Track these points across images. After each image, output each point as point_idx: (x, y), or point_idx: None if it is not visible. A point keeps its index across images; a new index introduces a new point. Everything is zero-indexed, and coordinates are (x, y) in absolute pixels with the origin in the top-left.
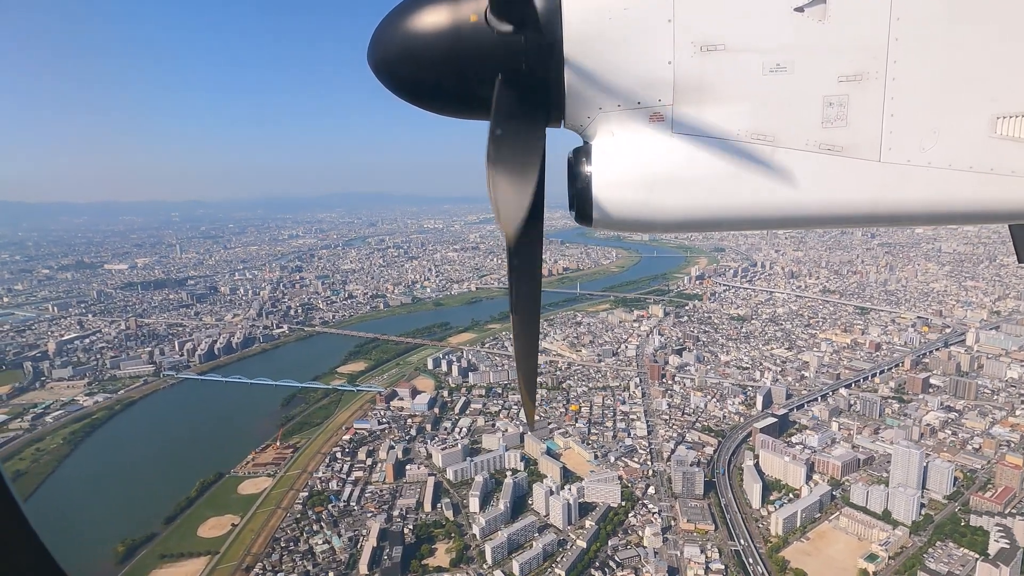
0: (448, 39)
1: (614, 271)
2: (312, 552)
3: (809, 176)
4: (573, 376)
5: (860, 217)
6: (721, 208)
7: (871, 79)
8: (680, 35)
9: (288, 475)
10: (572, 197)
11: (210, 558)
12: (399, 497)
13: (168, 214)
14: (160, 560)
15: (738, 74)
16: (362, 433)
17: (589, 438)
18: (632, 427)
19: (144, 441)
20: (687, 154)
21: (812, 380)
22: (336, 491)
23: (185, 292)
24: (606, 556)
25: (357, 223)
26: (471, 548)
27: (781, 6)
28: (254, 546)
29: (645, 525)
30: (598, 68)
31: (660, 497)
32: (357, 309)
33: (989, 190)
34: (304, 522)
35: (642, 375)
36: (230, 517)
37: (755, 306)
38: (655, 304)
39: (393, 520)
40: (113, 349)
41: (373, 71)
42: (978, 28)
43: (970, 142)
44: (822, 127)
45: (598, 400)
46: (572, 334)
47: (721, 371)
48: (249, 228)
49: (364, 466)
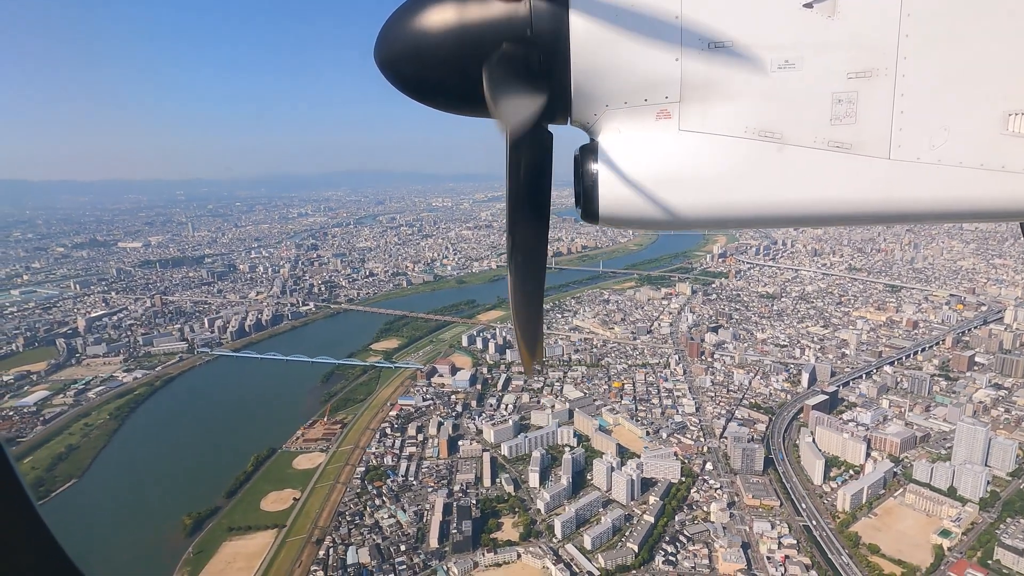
0: (455, 36)
1: (633, 249)
2: (379, 526)
3: (818, 174)
4: (610, 353)
5: (869, 215)
6: (729, 206)
7: (881, 76)
8: (688, 32)
9: (341, 450)
10: (578, 194)
11: (277, 531)
12: (457, 472)
13: (172, 193)
14: (228, 533)
15: (746, 71)
16: (408, 409)
17: (637, 414)
18: (679, 404)
19: (189, 416)
20: (694, 151)
21: (853, 358)
22: (392, 466)
23: (204, 270)
24: (675, 531)
25: (364, 201)
26: (538, 522)
27: (790, 2)
28: (320, 519)
29: (710, 501)
30: (605, 65)
31: (719, 473)
32: (380, 287)
33: (1000, 187)
34: (365, 496)
35: (680, 352)
36: (290, 491)
37: (782, 284)
38: (682, 282)
39: (454, 495)
40: (143, 326)
41: (380, 68)
42: (989, 24)
43: (981, 139)
44: (831, 124)
45: (640, 377)
46: (602, 312)
47: (760, 348)
48: (257, 207)
49: (416, 442)
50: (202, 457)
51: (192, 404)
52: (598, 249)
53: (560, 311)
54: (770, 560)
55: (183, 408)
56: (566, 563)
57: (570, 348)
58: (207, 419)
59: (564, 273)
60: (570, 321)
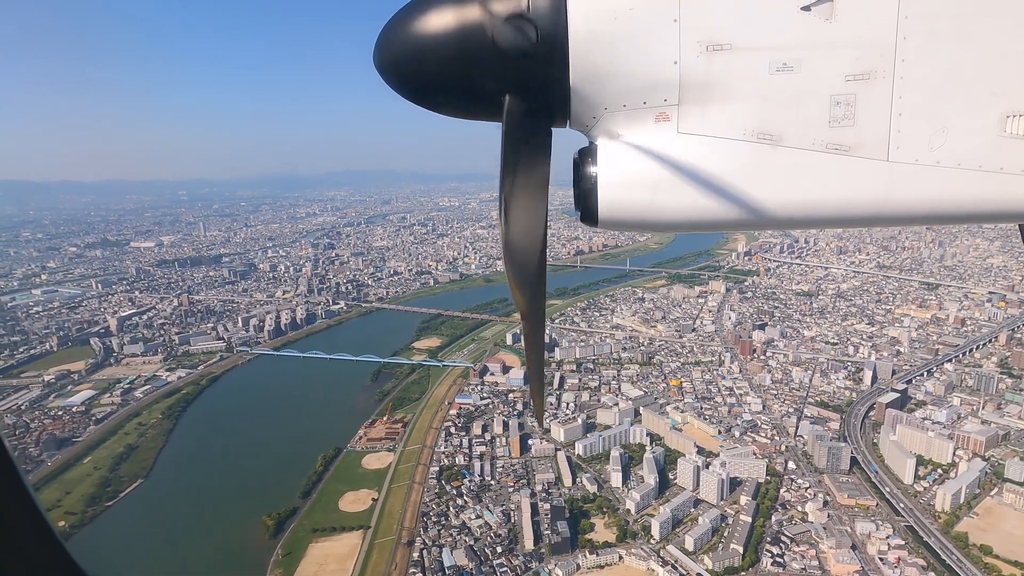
0: (454, 40)
1: (654, 247)
2: (467, 527)
3: (816, 176)
4: (659, 352)
5: (868, 217)
6: (728, 208)
7: (879, 78)
8: (686, 35)
9: (409, 450)
10: (577, 197)
11: (363, 532)
12: (535, 472)
13: (174, 193)
14: (312, 534)
15: (744, 74)
16: (467, 408)
17: (704, 413)
18: (743, 402)
19: (243, 415)
20: (693, 154)
21: (908, 355)
22: (465, 466)
23: (224, 269)
24: (775, 531)
25: (370, 201)
26: (630, 523)
27: (788, 5)
28: (405, 520)
29: (803, 500)
30: (603, 68)
31: (803, 472)
32: (407, 286)
33: (999, 189)
34: (446, 497)
35: (731, 350)
36: (366, 492)
37: (815, 281)
38: (715, 280)
39: (537, 495)
40: (175, 325)
41: (379, 72)
42: (987, 26)
43: (979, 141)
44: (829, 126)
45: (696, 375)
46: (640, 310)
47: (811, 346)
48: (263, 206)
49: (483, 441)
50: (265, 456)
51: (243, 403)
52: (619, 248)
53: (597, 309)
54: (883, 561)
55: (234, 407)
56: (672, 565)
57: (617, 346)
58: (261, 418)
59: (591, 271)
60: (610, 319)
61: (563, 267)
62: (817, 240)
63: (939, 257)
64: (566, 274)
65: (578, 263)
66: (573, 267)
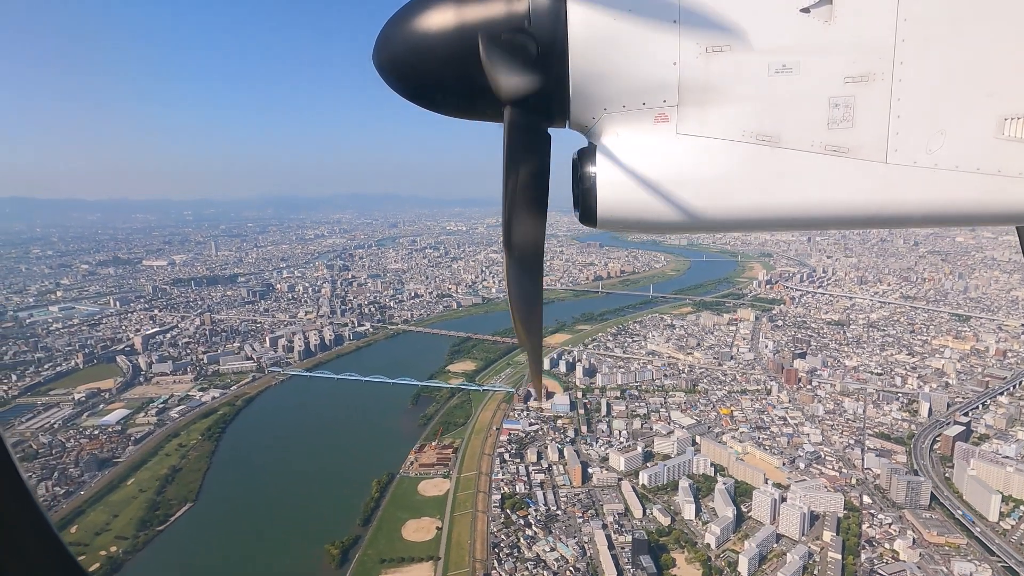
0: (453, 39)
1: (671, 274)
2: (542, 560)
3: (815, 177)
4: (702, 379)
5: (866, 218)
6: (726, 209)
7: (877, 80)
8: (685, 36)
9: (464, 477)
10: (577, 197)
11: (433, 564)
12: (602, 502)
13: (179, 212)
14: (381, 564)
15: (743, 75)
16: (517, 434)
17: (763, 443)
18: (800, 432)
19: (284, 438)
20: (692, 155)
21: (958, 387)
22: (526, 494)
23: (243, 289)
24: (868, 570)
25: (376, 224)
26: (713, 558)
27: (787, 7)
28: (475, 551)
29: (889, 537)
30: (603, 69)
31: (880, 507)
32: (429, 308)
33: (996, 192)
34: (513, 527)
35: (774, 379)
36: (429, 520)
37: (843, 311)
38: (743, 308)
39: (608, 527)
40: (200, 344)
41: (379, 71)
42: (985, 29)
43: (977, 143)
44: (828, 128)
45: (745, 404)
46: (672, 336)
47: (855, 376)
48: (270, 227)
49: (541, 468)
50: (315, 480)
51: (282, 425)
52: (636, 274)
53: (628, 335)
54: None
55: (274, 429)
56: None
57: (658, 373)
58: (304, 441)
59: (613, 298)
60: (644, 346)
61: (584, 292)
62: (836, 270)
63: (963, 289)
64: (588, 299)
65: (599, 288)
66: (594, 292)
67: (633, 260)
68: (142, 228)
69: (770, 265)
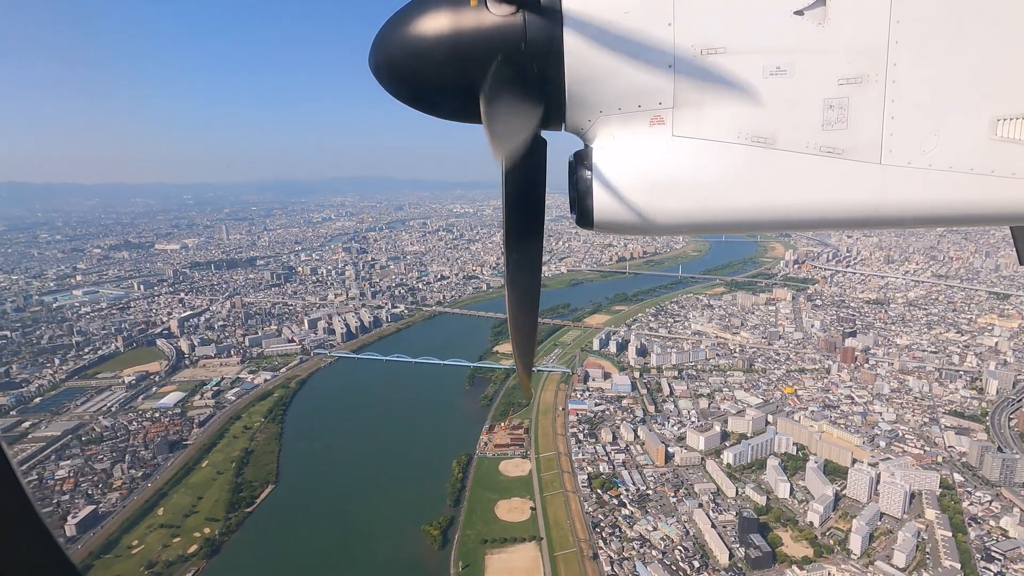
0: (450, 43)
1: (693, 255)
2: (646, 539)
3: (810, 178)
4: (755, 359)
5: (861, 219)
6: (722, 211)
7: (871, 81)
8: (680, 39)
9: (544, 457)
10: (573, 200)
11: (537, 544)
12: (691, 482)
13: (179, 196)
14: (483, 545)
15: (738, 77)
16: (584, 414)
17: (837, 421)
18: (870, 410)
19: (347, 419)
20: (688, 157)
21: (1016, 364)
22: (613, 474)
23: (265, 272)
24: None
25: (381, 207)
26: (820, 536)
27: (781, 9)
28: (576, 531)
29: (994, 515)
30: (599, 72)
31: (973, 484)
32: (459, 290)
33: (990, 192)
34: (608, 507)
35: (830, 357)
36: (519, 500)
37: (878, 290)
38: (777, 288)
39: (704, 506)
40: (239, 327)
41: (374, 74)
42: (978, 30)
43: (971, 144)
44: (823, 129)
45: (808, 383)
46: (713, 316)
47: (911, 355)
48: (274, 211)
49: (619, 448)
50: (391, 462)
51: (342, 406)
52: (658, 254)
53: (668, 315)
54: None
55: (335, 410)
56: None
57: (710, 353)
58: (368, 422)
59: (641, 278)
60: (688, 326)
61: (611, 273)
62: (860, 250)
63: (994, 267)
64: (616, 280)
65: (626, 269)
66: (622, 273)
67: (650, 241)
68: (144, 212)
69: (790, 245)
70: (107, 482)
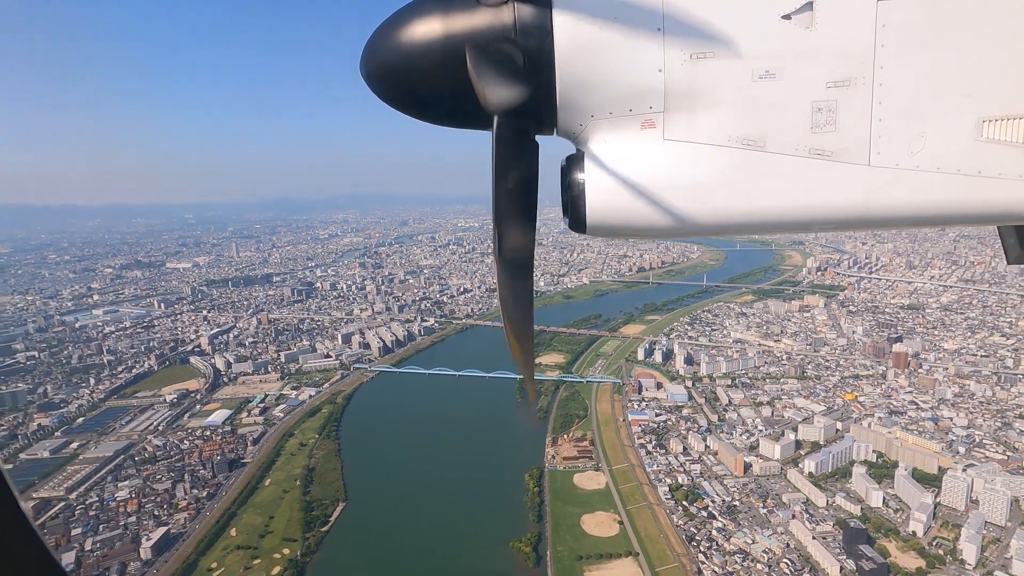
0: (440, 48)
1: (712, 264)
2: (747, 553)
3: (799, 181)
4: (807, 366)
5: (850, 220)
6: (713, 214)
7: (859, 85)
8: (670, 43)
9: (617, 469)
10: (566, 204)
11: (635, 559)
12: (776, 492)
13: (181, 216)
14: (578, 561)
15: (728, 81)
16: (647, 425)
17: (908, 428)
18: (940, 416)
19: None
20: (679, 160)
21: None
22: (693, 486)
23: (285, 289)
24: None
25: (385, 222)
26: (927, 547)
27: (769, 14)
28: (672, 546)
29: None
30: (589, 77)
31: None
32: (484, 303)
33: (977, 192)
34: (697, 519)
35: (881, 363)
36: (604, 514)
37: (909, 295)
38: (808, 295)
39: (798, 516)
40: (269, 343)
41: (366, 81)
42: (963, 33)
43: (957, 145)
44: (811, 132)
45: (867, 388)
46: (751, 324)
47: (964, 359)
48: (279, 228)
49: (692, 458)
50: (458, 476)
51: (394, 420)
52: (676, 264)
53: (704, 324)
54: None
55: (389, 425)
56: None
57: (760, 361)
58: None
59: (664, 288)
60: (727, 334)
61: (634, 284)
62: (879, 256)
63: (1020, 271)
64: (639, 291)
65: (649, 279)
66: (645, 283)
67: (667, 251)
68: (148, 232)
69: (805, 252)
70: (171, 503)
